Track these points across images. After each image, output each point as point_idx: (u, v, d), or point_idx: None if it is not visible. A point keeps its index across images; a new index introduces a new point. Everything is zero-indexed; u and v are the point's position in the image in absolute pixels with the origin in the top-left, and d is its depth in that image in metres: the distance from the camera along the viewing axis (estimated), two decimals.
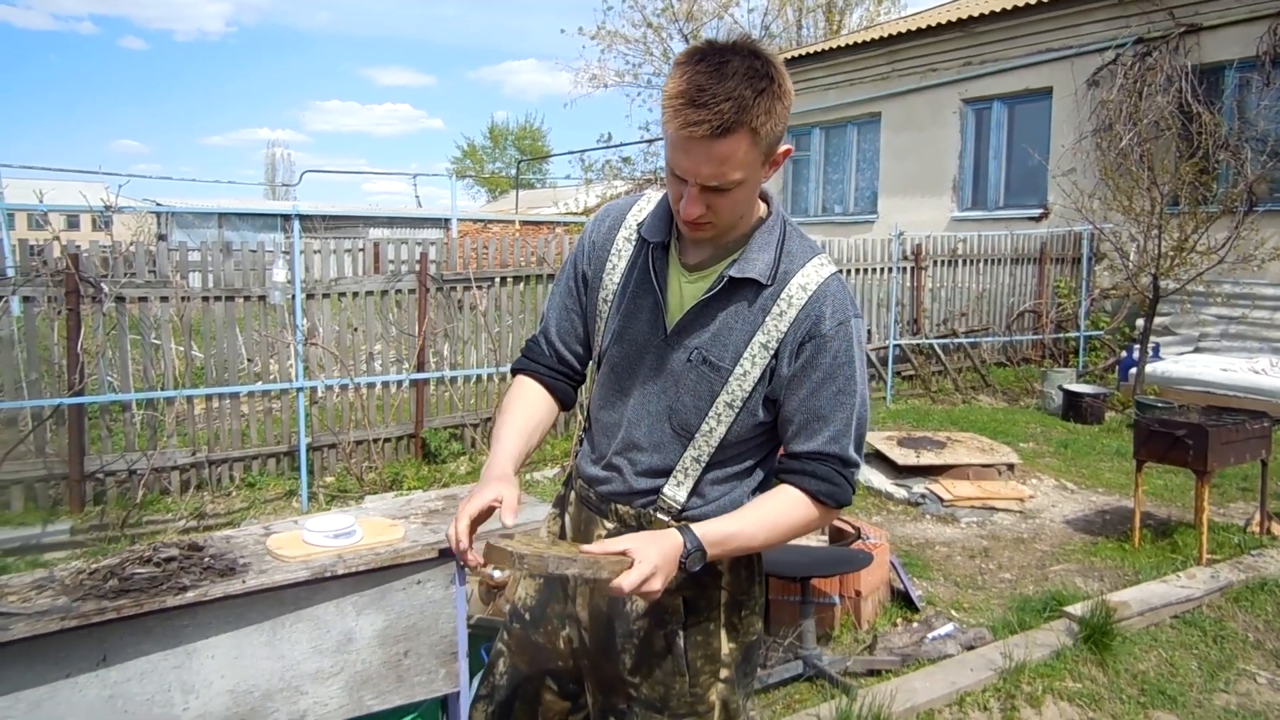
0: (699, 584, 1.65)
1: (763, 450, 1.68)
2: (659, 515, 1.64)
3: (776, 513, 1.58)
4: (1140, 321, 9.06)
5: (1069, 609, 3.98)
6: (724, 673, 1.67)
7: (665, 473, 1.65)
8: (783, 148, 1.52)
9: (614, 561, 1.42)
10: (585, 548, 1.49)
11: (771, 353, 1.57)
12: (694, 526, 1.51)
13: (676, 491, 1.64)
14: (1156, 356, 9.12)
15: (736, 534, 1.54)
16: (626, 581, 1.39)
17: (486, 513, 1.54)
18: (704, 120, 1.38)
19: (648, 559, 1.41)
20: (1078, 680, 3.52)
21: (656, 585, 1.42)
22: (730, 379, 1.58)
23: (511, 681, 1.83)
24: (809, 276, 1.58)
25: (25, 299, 5.53)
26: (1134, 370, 8.70)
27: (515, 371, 1.84)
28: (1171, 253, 8.42)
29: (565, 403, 1.83)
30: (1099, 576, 4.70)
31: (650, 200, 1.73)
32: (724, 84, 1.38)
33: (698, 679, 1.65)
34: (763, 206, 1.65)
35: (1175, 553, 4.91)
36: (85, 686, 1.93)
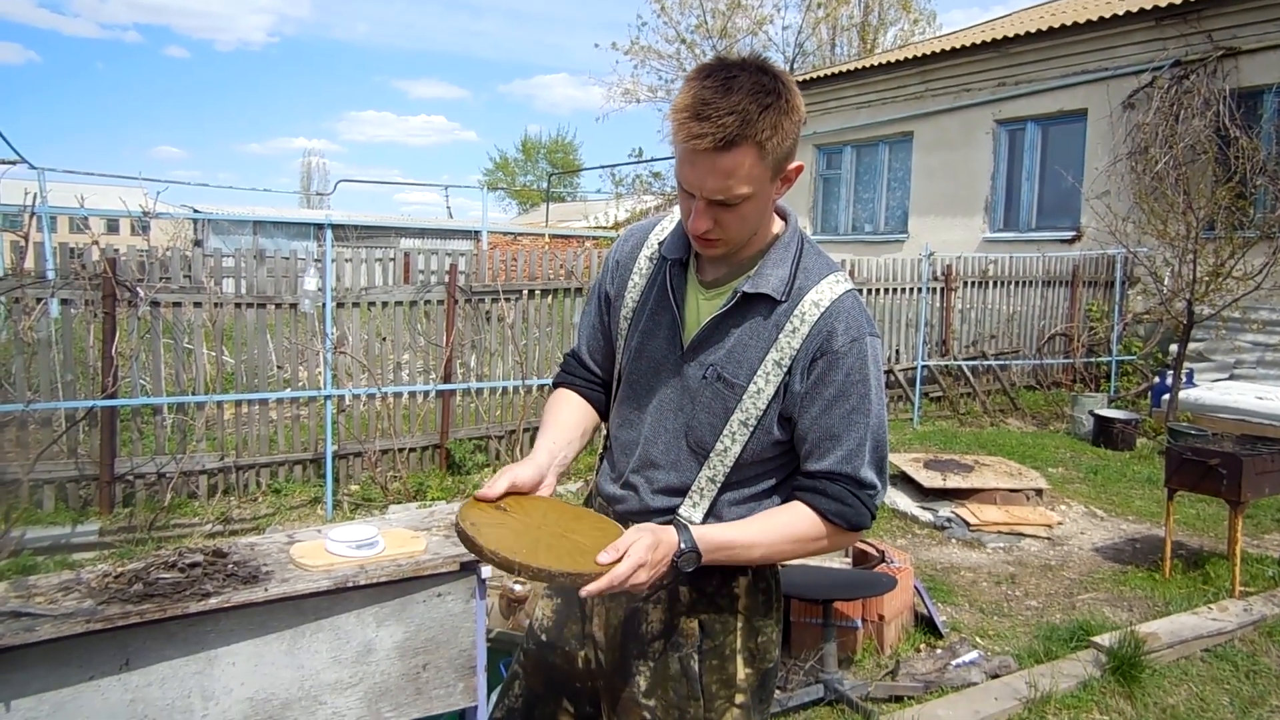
0: (715, 607, 1.64)
1: (782, 472, 1.65)
2: None
3: (781, 525, 1.56)
4: (1174, 347, 8.93)
5: (1097, 639, 3.91)
6: (739, 698, 1.65)
7: (681, 492, 1.63)
8: (794, 164, 1.51)
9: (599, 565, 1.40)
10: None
11: (785, 370, 1.55)
12: (694, 529, 1.51)
13: (692, 512, 1.62)
14: (1190, 383, 8.97)
15: (735, 541, 1.53)
16: (603, 580, 1.36)
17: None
18: (707, 133, 1.38)
19: (633, 556, 1.39)
20: (1105, 713, 3.46)
21: (641, 578, 1.41)
22: (744, 396, 1.57)
23: (527, 703, 1.82)
24: (823, 293, 1.57)
25: (63, 301, 5.62)
26: (1167, 396, 8.56)
27: (555, 386, 1.87)
28: (1207, 278, 8.30)
29: (603, 412, 1.85)
30: (1128, 606, 4.62)
31: (673, 219, 1.74)
32: (729, 98, 1.38)
33: (713, 704, 1.63)
34: (780, 223, 1.64)
35: (1207, 584, 4.82)
36: (107, 690, 1.95)
